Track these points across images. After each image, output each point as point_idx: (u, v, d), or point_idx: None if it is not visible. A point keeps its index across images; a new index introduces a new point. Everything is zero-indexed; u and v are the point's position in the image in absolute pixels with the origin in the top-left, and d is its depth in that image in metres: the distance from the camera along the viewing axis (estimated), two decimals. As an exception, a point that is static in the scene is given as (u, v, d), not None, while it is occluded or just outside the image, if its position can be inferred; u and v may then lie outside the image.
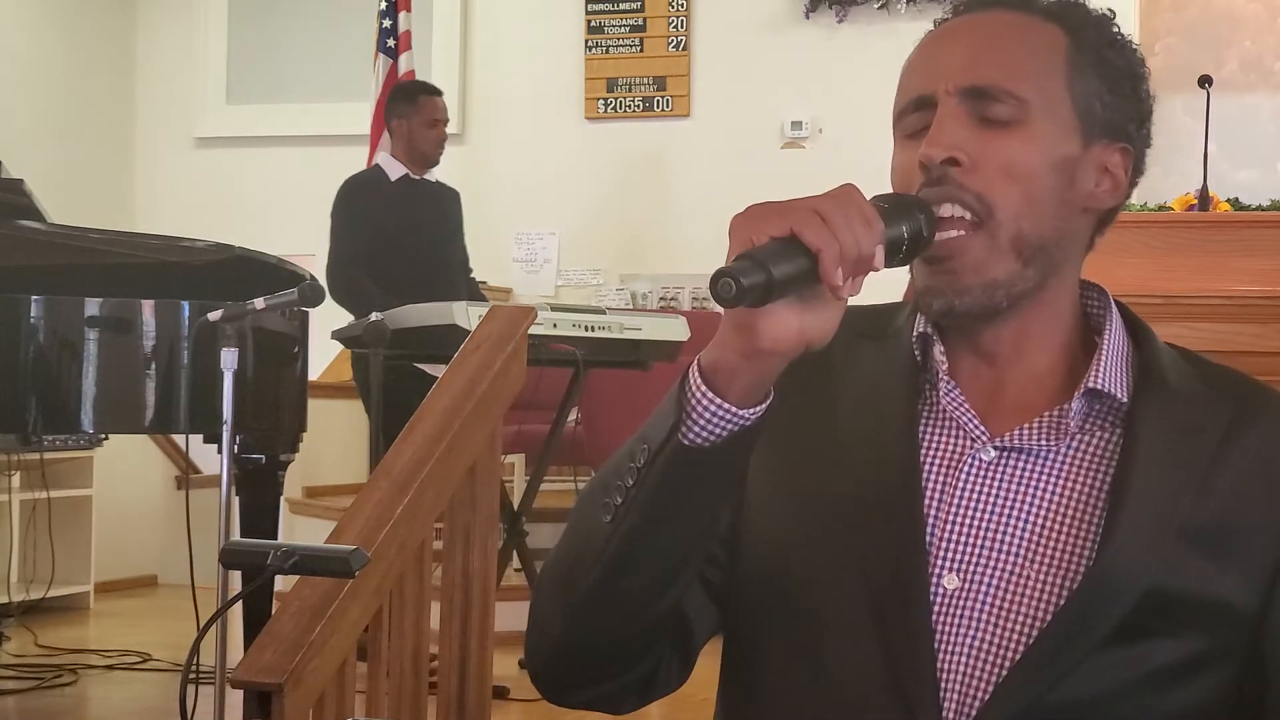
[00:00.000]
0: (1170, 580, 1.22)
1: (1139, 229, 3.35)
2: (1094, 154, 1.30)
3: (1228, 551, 1.24)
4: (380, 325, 4.73)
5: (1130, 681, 1.21)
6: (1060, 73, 1.29)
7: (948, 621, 1.24)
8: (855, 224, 1.13)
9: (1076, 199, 1.29)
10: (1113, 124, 1.31)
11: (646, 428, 1.20)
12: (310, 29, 8.63)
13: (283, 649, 2.95)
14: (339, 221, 5.51)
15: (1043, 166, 1.26)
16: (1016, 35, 1.30)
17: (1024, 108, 1.27)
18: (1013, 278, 1.26)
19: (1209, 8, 7.50)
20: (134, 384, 4.24)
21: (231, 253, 4.56)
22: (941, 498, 1.27)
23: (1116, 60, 1.33)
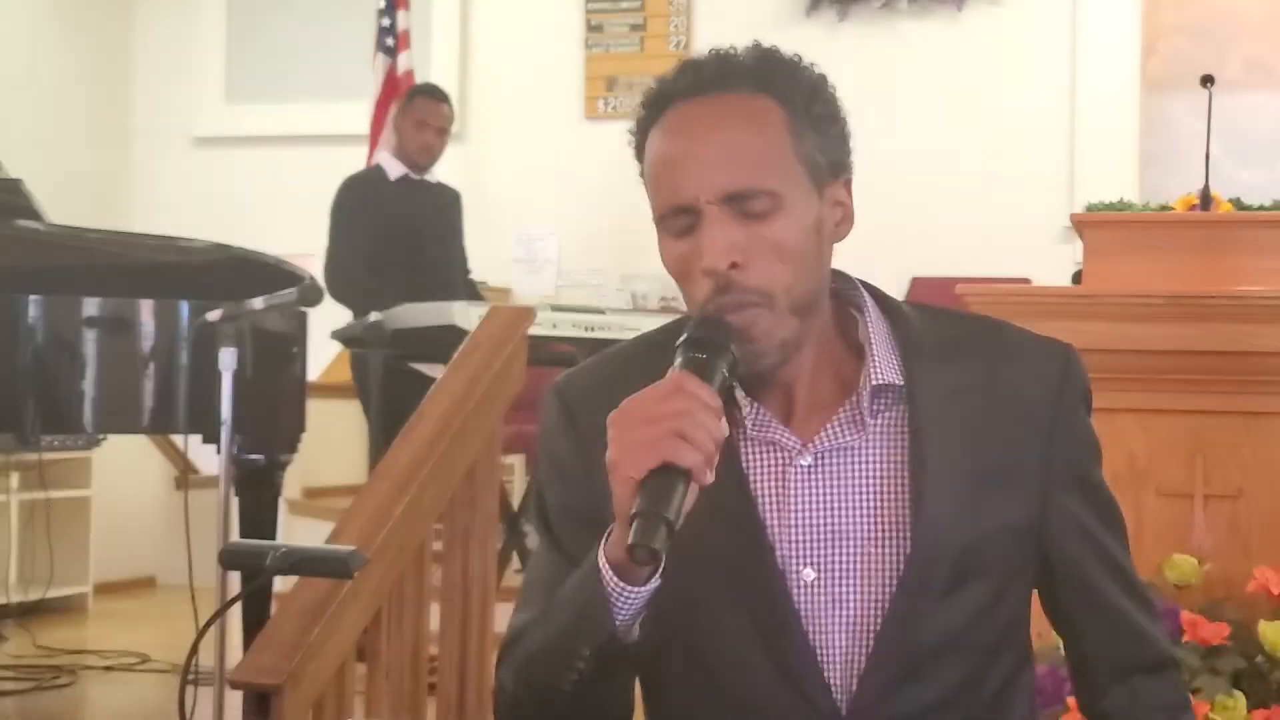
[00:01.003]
0: (976, 529, 1.48)
1: (1140, 229, 3.34)
2: (827, 197, 1.51)
3: (1009, 482, 1.50)
4: (379, 325, 4.72)
5: (970, 614, 1.48)
6: (789, 148, 1.47)
7: (814, 608, 1.47)
8: (709, 424, 1.35)
9: (825, 242, 1.52)
10: (833, 165, 1.52)
11: (577, 621, 1.41)
12: (309, 28, 8.62)
13: (282, 650, 2.94)
14: (338, 221, 5.51)
15: (801, 236, 1.48)
16: (745, 126, 1.47)
17: (775, 197, 1.46)
18: (795, 332, 1.49)
19: (1212, 7, 7.49)
20: (133, 384, 4.23)
21: (230, 252, 4.55)
22: (779, 505, 1.49)
23: (822, 110, 1.51)
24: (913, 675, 1.47)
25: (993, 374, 1.53)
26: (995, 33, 7.71)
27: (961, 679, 1.49)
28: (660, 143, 1.54)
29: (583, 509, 1.50)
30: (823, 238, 1.51)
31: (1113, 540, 1.61)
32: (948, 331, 1.56)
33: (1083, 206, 3.52)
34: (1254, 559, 3.04)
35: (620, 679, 1.48)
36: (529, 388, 4.09)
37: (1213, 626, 2.92)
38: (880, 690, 1.46)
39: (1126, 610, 1.60)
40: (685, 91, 1.50)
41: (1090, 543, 1.58)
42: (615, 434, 1.37)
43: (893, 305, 1.57)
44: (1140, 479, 3.12)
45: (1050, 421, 1.54)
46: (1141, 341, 3.07)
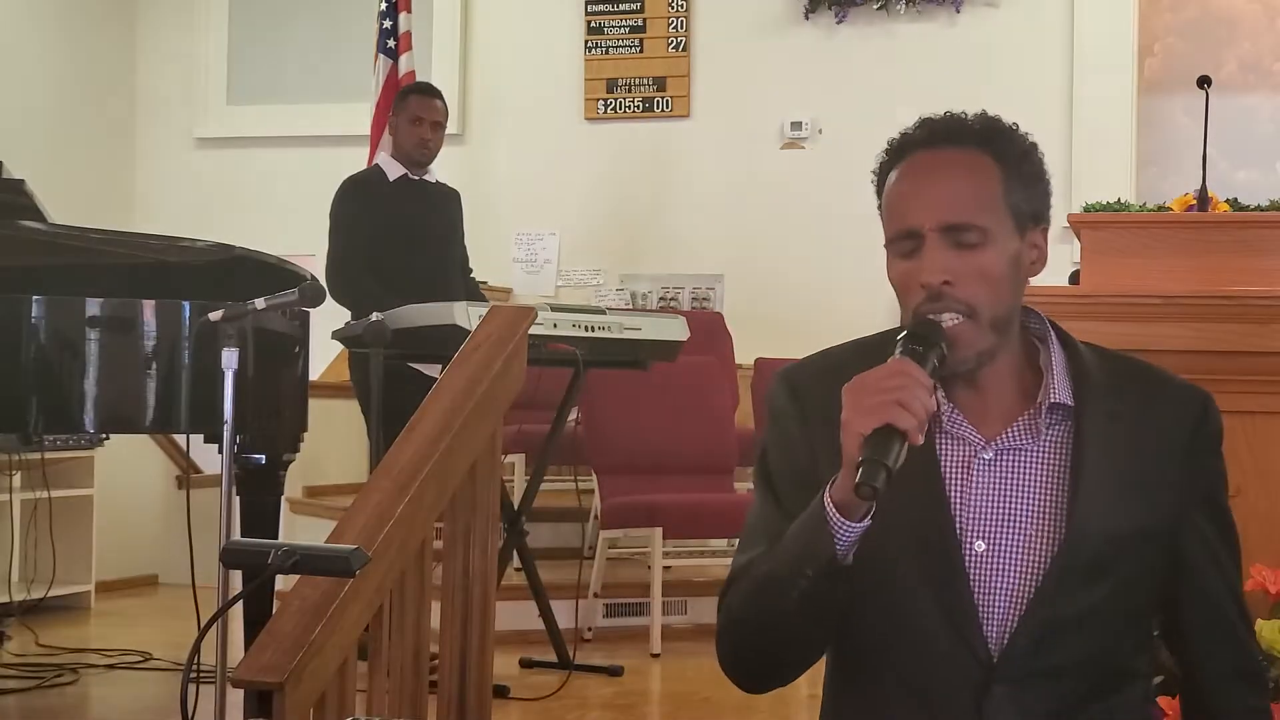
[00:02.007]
0: (1118, 527, 1.82)
1: (1138, 229, 3.35)
2: (1028, 240, 1.87)
3: (1150, 495, 1.84)
4: (380, 325, 4.73)
5: (1104, 597, 1.81)
6: (999, 196, 1.84)
7: (981, 573, 1.82)
8: (923, 397, 1.71)
9: (1022, 275, 1.86)
10: (1034, 214, 1.88)
11: (804, 549, 1.76)
12: (310, 30, 8.64)
13: (283, 648, 2.95)
14: (338, 221, 5.51)
15: (1002, 267, 1.83)
16: (967, 175, 1.83)
17: (984, 233, 1.81)
18: (992, 345, 1.84)
19: (1208, 8, 7.51)
20: (135, 384, 4.24)
21: (232, 253, 4.56)
22: (962, 489, 1.84)
23: (1029, 169, 1.88)
24: (1052, 639, 1.80)
25: (1146, 407, 1.88)
26: (993, 35, 7.72)
27: (1090, 652, 1.82)
28: (897, 181, 1.88)
29: (802, 471, 1.86)
30: (1020, 271, 1.85)
31: (1229, 558, 1.93)
32: (1111, 366, 1.90)
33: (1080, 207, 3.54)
34: (1251, 558, 3.04)
35: (834, 601, 1.79)
36: (529, 387, 4.11)
37: (1209, 625, 2.92)
38: (1026, 647, 1.80)
39: (1234, 621, 1.92)
40: (922, 143, 1.88)
41: (1212, 557, 1.90)
42: (849, 400, 1.73)
43: (1070, 341, 1.91)
44: (1137, 478, 3.13)
45: (1187, 451, 1.87)
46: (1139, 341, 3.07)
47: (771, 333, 7.26)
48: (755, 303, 7.61)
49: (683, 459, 6.00)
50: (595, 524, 5.85)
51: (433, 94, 5.68)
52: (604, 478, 5.85)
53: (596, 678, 5.03)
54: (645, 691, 5.05)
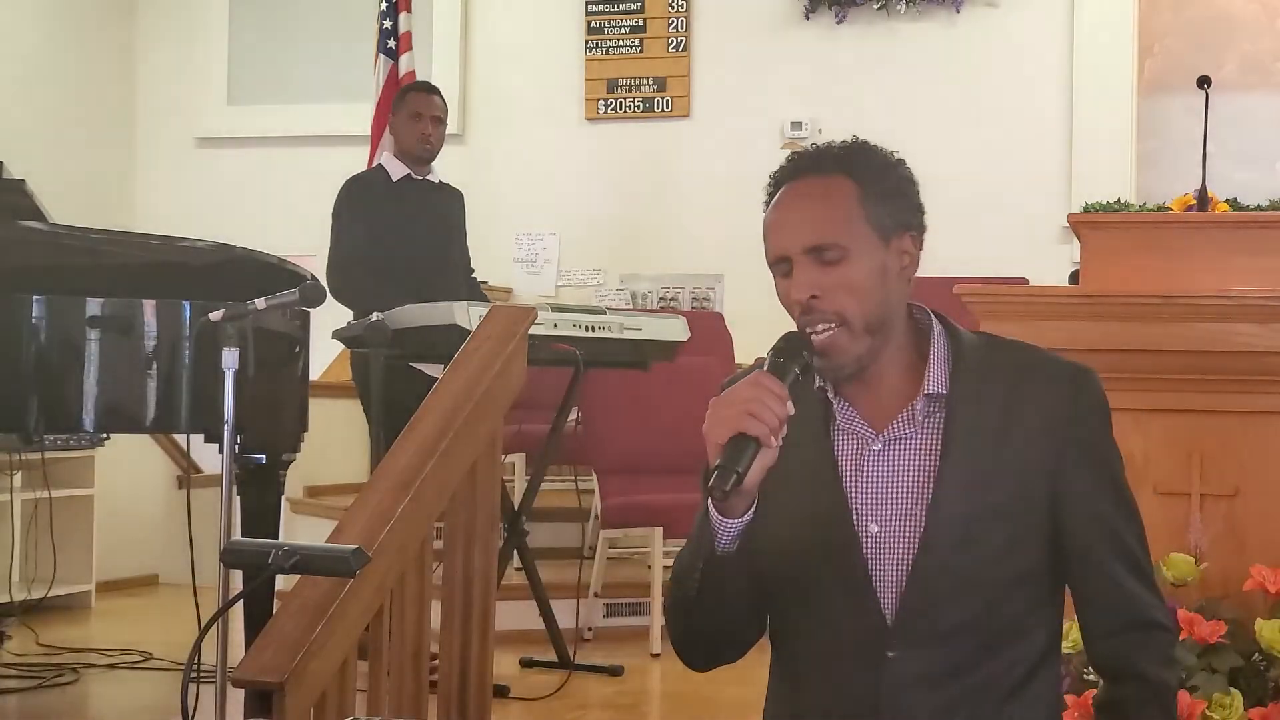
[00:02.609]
0: (980, 501, 1.99)
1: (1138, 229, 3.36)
2: (894, 248, 2.05)
3: (1019, 469, 2.01)
4: (381, 325, 4.73)
5: (977, 563, 2.00)
6: (858, 213, 2.03)
7: (875, 552, 2.03)
8: (772, 405, 1.93)
9: (891, 279, 2.04)
10: (899, 223, 2.05)
11: (696, 543, 2.05)
12: (311, 30, 8.64)
13: (284, 648, 2.96)
14: (340, 221, 5.51)
15: (864, 277, 2.02)
16: (826, 197, 2.04)
17: (844, 250, 2.02)
18: (868, 348, 2.03)
19: (1208, 8, 7.51)
20: (135, 384, 4.24)
21: (233, 253, 4.56)
22: (856, 478, 2.06)
23: (889, 182, 2.06)
24: (934, 606, 2.00)
25: (1016, 387, 2.04)
26: (993, 35, 7.72)
27: (972, 614, 2.00)
28: (770, 212, 2.13)
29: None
30: (886, 274, 2.03)
31: (1122, 523, 2.06)
32: (991, 354, 2.07)
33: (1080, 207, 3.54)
34: (1251, 557, 3.05)
35: (730, 587, 2.03)
36: (529, 387, 4.11)
37: (1210, 625, 2.93)
38: (911, 614, 2.00)
39: (1120, 577, 2.04)
40: (789, 175, 2.10)
41: (1098, 521, 2.03)
42: (711, 413, 1.96)
43: (955, 333, 2.08)
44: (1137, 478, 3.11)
45: (1059, 423, 2.02)
46: (1139, 341, 3.08)
47: (771, 333, 7.22)
48: (755, 303, 7.58)
49: (683, 459, 5.98)
50: (595, 524, 5.86)
51: (430, 90, 5.69)
52: (604, 478, 5.85)
53: (597, 677, 5.04)
54: (645, 691, 5.05)
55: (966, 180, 7.61)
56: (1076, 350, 3.09)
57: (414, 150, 5.55)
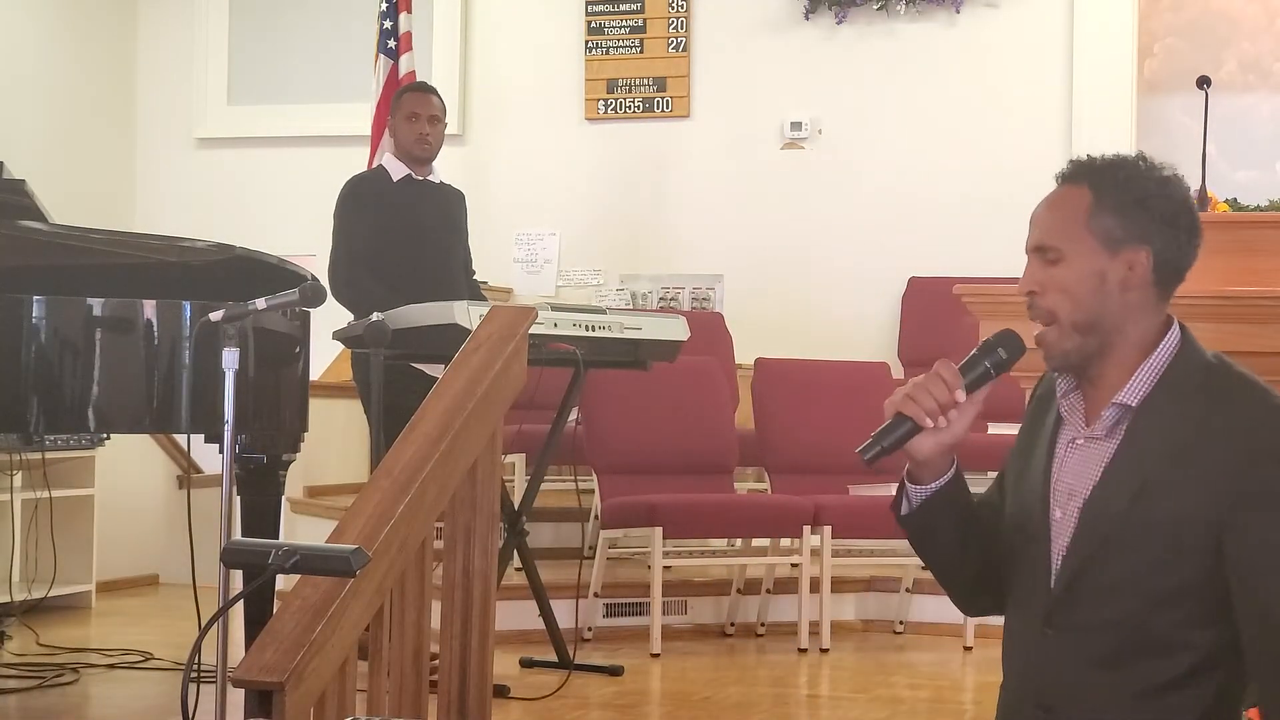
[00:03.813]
0: (1128, 514, 2.11)
1: (1137, 229, 3.35)
2: (1121, 258, 2.14)
3: (1175, 494, 2.08)
4: (381, 325, 4.73)
5: (1125, 572, 2.11)
6: (1082, 220, 2.15)
7: (1057, 536, 2.19)
8: (934, 390, 2.13)
9: (1112, 287, 2.15)
10: (1132, 236, 2.14)
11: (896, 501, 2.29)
12: (311, 30, 8.64)
13: (284, 648, 2.96)
14: (341, 221, 5.51)
15: (1077, 280, 2.15)
16: (1061, 204, 2.19)
17: (1060, 251, 2.16)
18: (1078, 345, 2.17)
19: (1207, 8, 7.51)
20: (136, 384, 4.24)
21: (233, 253, 4.56)
22: (1060, 467, 2.21)
23: (1130, 195, 2.15)
24: (1081, 600, 2.15)
25: (1209, 415, 2.10)
26: (992, 35, 7.72)
27: (1116, 617, 2.12)
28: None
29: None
30: (1105, 282, 2.15)
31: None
32: (1205, 378, 2.15)
33: (1080, 207, 3.53)
34: (1249, 557, 3.05)
35: (928, 538, 2.28)
36: (529, 387, 4.12)
37: (1208, 624, 2.92)
38: (1063, 604, 2.16)
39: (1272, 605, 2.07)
40: (1058, 179, 2.23)
41: (1265, 562, 2.06)
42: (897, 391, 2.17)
43: (1186, 352, 2.17)
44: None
45: (1238, 459, 2.07)
46: (1137, 341, 3.08)
47: (771, 333, 7.27)
48: (755, 303, 7.62)
49: (683, 459, 6.00)
50: (595, 524, 5.86)
51: (427, 90, 5.68)
52: (604, 478, 5.85)
53: (597, 677, 5.04)
54: (645, 691, 5.05)
55: (966, 180, 7.62)
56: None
57: (412, 150, 5.55)
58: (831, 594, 5.66)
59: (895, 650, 5.78)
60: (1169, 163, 2.22)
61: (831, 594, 5.66)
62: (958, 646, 5.70)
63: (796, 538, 5.65)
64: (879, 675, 5.24)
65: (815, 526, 5.62)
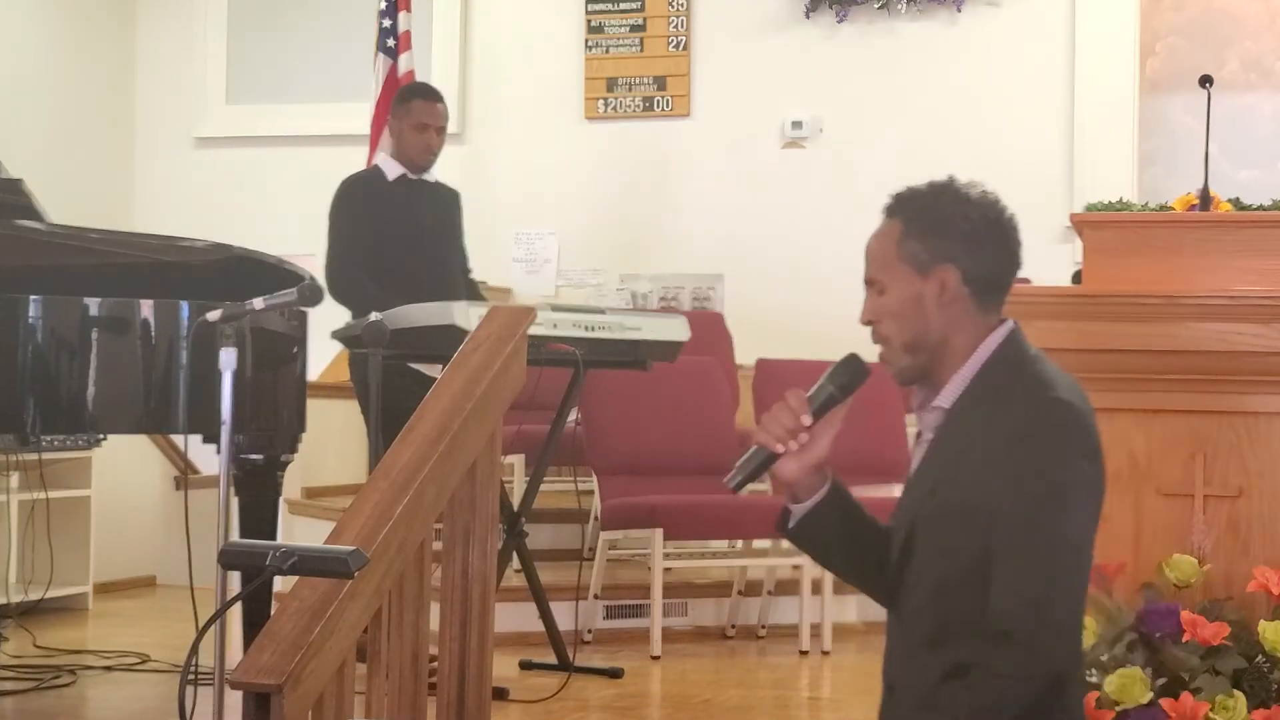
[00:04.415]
0: (934, 504, 2.30)
1: (1140, 229, 3.34)
2: (932, 278, 2.34)
3: (971, 483, 2.24)
4: (379, 325, 4.72)
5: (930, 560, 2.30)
6: (895, 252, 2.36)
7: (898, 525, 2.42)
8: (782, 418, 2.33)
9: (929, 306, 2.34)
10: (938, 256, 2.33)
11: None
12: (310, 29, 8.63)
13: (282, 650, 2.95)
14: (337, 221, 5.50)
15: (899, 305, 2.35)
16: (878, 238, 2.39)
17: (882, 282, 2.37)
18: (910, 363, 2.37)
19: (1210, 7, 7.50)
20: (133, 384, 4.23)
21: (231, 253, 4.55)
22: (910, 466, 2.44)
23: (928, 222, 2.35)
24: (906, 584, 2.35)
25: (992, 412, 2.27)
26: (994, 34, 7.71)
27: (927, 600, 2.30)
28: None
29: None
30: (923, 302, 2.34)
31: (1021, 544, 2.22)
32: (1005, 379, 2.30)
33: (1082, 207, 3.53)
34: (1254, 559, 3.04)
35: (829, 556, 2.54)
36: (529, 387, 4.10)
37: (1213, 626, 2.92)
38: (897, 568, 2.37)
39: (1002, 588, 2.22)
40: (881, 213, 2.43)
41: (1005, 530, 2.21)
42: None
43: (1002, 356, 2.33)
44: (1140, 479, 3.13)
45: (1008, 448, 2.22)
46: (1141, 341, 3.07)
47: (771, 333, 7.26)
48: (755, 303, 7.61)
49: (683, 459, 5.99)
50: (595, 525, 5.84)
51: (435, 98, 5.64)
52: (604, 478, 5.84)
53: (596, 680, 5.02)
54: (645, 693, 5.04)
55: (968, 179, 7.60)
56: (1079, 350, 3.08)
57: (416, 159, 5.54)
58: (833, 596, 5.65)
59: (896, 652, 5.76)
60: (977, 182, 2.40)
61: (833, 596, 5.65)
62: (959, 648, 5.68)
63: (797, 539, 5.63)
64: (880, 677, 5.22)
65: (816, 527, 5.60)
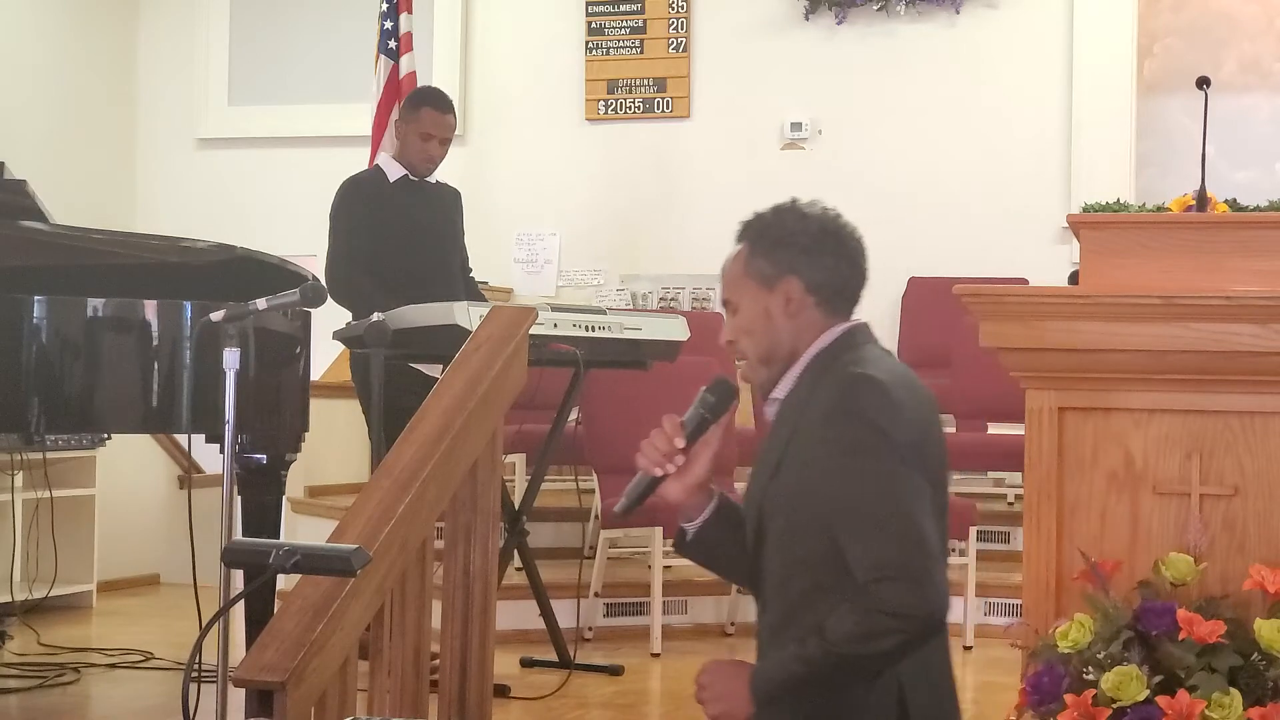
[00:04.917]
0: (762, 491, 2.44)
1: (1137, 230, 3.35)
2: (777, 291, 2.46)
3: (795, 466, 2.37)
4: (381, 325, 4.74)
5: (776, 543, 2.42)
6: (743, 271, 2.48)
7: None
8: (657, 443, 2.45)
9: (777, 318, 2.46)
10: (780, 270, 2.45)
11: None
12: (312, 30, 8.64)
13: (285, 648, 2.96)
14: (338, 221, 5.51)
15: (750, 321, 2.48)
16: (730, 262, 2.51)
17: (735, 303, 2.49)
18: (767, 374, 2.49)
19: (1207, 9, 7.51)
20: (136, 384, 4.25)
21: (234, 253, 4.57)
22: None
23: (769, 238, 2.47)
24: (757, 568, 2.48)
25: (809, 399, 2.40)
26: (992, 35, 7.73)
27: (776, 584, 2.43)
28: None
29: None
30: (772, 315, 2.46)
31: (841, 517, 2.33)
32: (822, 369, 2.42)
33: (1079, 207, 3.54)
34: (1250, 557, 3.05)
35: (708, 561, 2.68)
36: (529, 387, 4.12)
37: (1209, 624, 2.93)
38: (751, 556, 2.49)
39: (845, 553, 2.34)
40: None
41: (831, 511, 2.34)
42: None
43: (831, 347, 2.45)
44: (1137, 478, 3.13)
45: (825, 425, 2.34)
46: (1138, 342, 3.08)
47: (771, 333, 7.26)
48: (755, 303, 7.61)
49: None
50: (596, 523, 5.86)
51: (445, 108, 5.63)
52: (604, 477, 5.85)
53: (597, 677, 5.04)
54: (645, 691, 5.05)
55: (966, 180, 7.62)
56: (1076, 350, 3.10)
57: (416, 166, 5.56)
58: (832, 594, 5.66)
59: (895, 650, 5.77)
60: (818, 201, 2.50)
61: (832, 594, 5.66)
62: (957, 646, 5.70)
63: (797, 538, 5.64)
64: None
65: (815, 526, 5.61)
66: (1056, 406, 3.14)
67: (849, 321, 2.48)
